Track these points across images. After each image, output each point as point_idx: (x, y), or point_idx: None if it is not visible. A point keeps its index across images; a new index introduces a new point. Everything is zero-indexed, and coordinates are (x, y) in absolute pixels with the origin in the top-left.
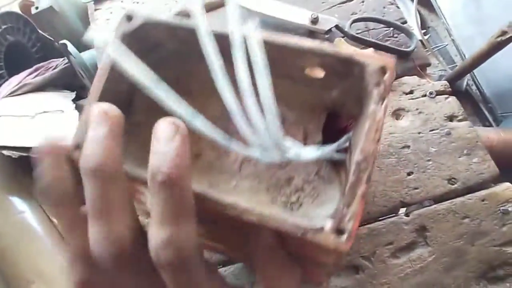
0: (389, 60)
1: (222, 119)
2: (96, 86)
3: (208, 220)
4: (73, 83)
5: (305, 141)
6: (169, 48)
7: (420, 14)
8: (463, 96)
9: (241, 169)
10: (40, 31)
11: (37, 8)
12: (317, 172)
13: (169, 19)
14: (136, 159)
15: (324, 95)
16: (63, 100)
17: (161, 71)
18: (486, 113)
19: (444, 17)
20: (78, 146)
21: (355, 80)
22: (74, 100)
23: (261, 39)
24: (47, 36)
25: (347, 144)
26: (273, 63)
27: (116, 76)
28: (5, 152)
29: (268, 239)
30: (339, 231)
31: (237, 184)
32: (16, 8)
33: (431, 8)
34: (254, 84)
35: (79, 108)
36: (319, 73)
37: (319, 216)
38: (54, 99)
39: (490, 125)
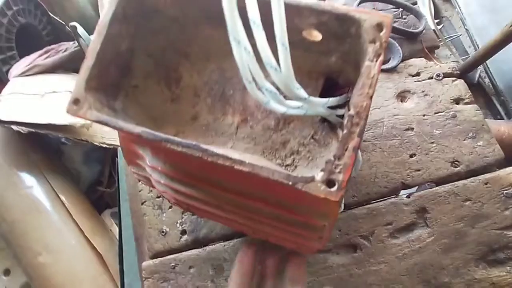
0: (386, 16)
1: (220, 82)
2: (95, 43)
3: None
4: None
5: None
6: (168, 15)
7: (434, 3)
8: (475, 88)
9: (237, 132)
10: (50, 14)
11: None
12: (313, 135)
13: None
14: (134, 120)
15: (322, 61)
16: (72, 81)
17: (160, 37)
18: (498, 106)
19: (459, 6)
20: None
21: (353, 42)
22: None
23: None
24: (58, 19)
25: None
26: (271, 27)
27: (115, 35)
28: (14, 127)
29: None
30: (329, 181)
31: (233, 146)
32: None
33: None
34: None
35: None
36: (317, 36)
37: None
38: (63, 80)
39: (502, 118)
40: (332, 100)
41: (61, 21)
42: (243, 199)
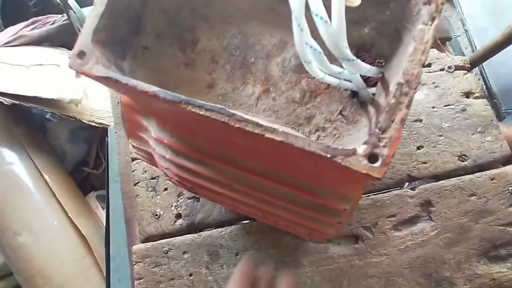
0: None
1: (241, 48)
2: None
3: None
4: (70, 42)
5: None
6: None
7: None
8: None
9: (257, 103)
10: None
11: None
12: (341, 111)
13: None
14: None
15: (354, 32)
16: (59, 55)
17: None
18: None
19: (460, 6)
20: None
21: (396, 7)
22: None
23: None
24: None
25: (377, 80)
26: None
27: None
28: None
29: None
30: (373, 156)
31: (253, 118)
32: None
33: None
34: None
35: None
36: (355, 1)
37: None
38: (50, 54)
39: None
40: (373, 70)
41: None
42: (258, 178)
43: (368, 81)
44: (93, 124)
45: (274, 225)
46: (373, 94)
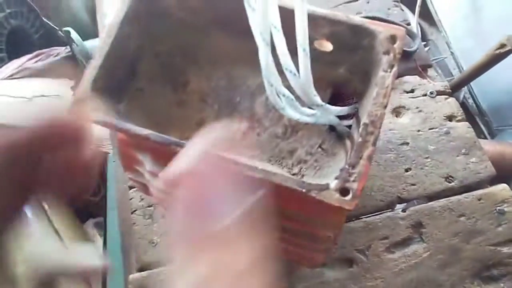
0: (399, 29)
1: (228, 88)
2: (104, 43)
3: None
4: (72, 71)
5: None
6: (177, 17)
7: (421, 27)
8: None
9: (244, 139)
10: (43, 18)
11: None
12: (321, 145)
13: None
14: (136, 124)
15: (330, 72)
16: (61, 86)
17: (169, 39)
18: (482, 126)
19: (444, 30)
20: None
21: (363, 53)
22: (73, 88)
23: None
24: (51, 24)
25: (353, 114)
26: (286, 35)
27: (124, 36)
28: None
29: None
30: (344, 190)
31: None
32: None
33: (431, 21)
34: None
35: None
36: (328, 47)
37: None
38: (52, 85)
39: (485, 138)
40: (344, 109)
41: (54, 25)
42: None
43: (346, 115)
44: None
45: None
46: (350, 126)
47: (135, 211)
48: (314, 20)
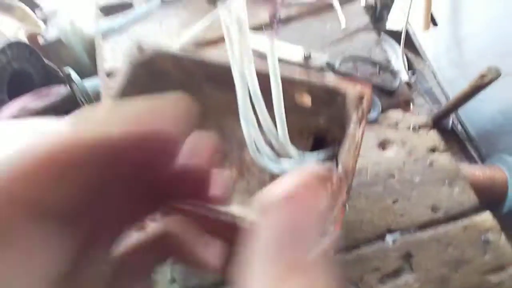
0: (366, 89)
1: (219, 138)
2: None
3: None
4: (73, 109)
5: None
6: (174, 77)
7: (407, 56)
8: (450, 134)
9: (234, 185)
10: (45, 59)
11: (45, 39)
12: None
13: (176, 51)
14: None
15: (312, 122)
16: (60, 126)
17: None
18: (472, 151)
19: (429, 60)
20: None
21: (338, 108)
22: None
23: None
24: (51, 65)
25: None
26: (269, 95)
27: (125, 96)
28: None
29: None
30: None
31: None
32: (23, 37)
33: (416, 52)
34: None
35: None
36: (307, 103)
37: None
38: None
39: (476, 162)
40: (320, 155)
41: (54, 66)
42: None
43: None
44: None
45: None
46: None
47: None
48: (293, 83)
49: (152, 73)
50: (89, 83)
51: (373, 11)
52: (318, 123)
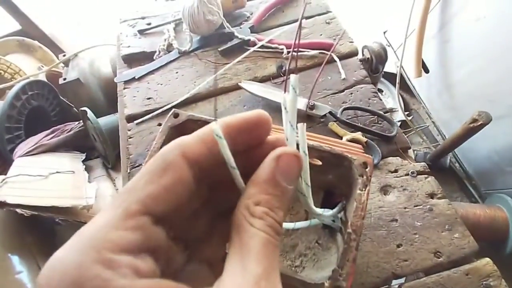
0: (369, 158)
1: None
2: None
3: None
4: (83, 144)
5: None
6: None
7: (403, 98)
8: (448, 172)
9: None
10: (62, 97)
11: (65, 79)
12: (317, 240)
13: (207, 117)
14: None
15: (322, 178)
16: (73, 161)
17: None
18: (471, 189)
19: (423, 103)
20: None
21: (345, 169)
22: (83, 161)
23: None
24: (67, 102)
25: (342, 213)
26: None
27: (171, 135)
28: (18, 210)
29: None
30: (336, 287)
31: None
32: (42, 75)
33: (412, 94)
34: None
35: (88, 169)
36: (318, 162)
37: (319, 278)
38: (65, 160)
39: (476, 201)
40: (335, 212)
41: (70, 104)
42: None
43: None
44: None
45: None
46: (341, 221)
47: None
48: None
49: (183, 134)
50: (104, 121)
51: (369, 65)
52: (328, 180)
